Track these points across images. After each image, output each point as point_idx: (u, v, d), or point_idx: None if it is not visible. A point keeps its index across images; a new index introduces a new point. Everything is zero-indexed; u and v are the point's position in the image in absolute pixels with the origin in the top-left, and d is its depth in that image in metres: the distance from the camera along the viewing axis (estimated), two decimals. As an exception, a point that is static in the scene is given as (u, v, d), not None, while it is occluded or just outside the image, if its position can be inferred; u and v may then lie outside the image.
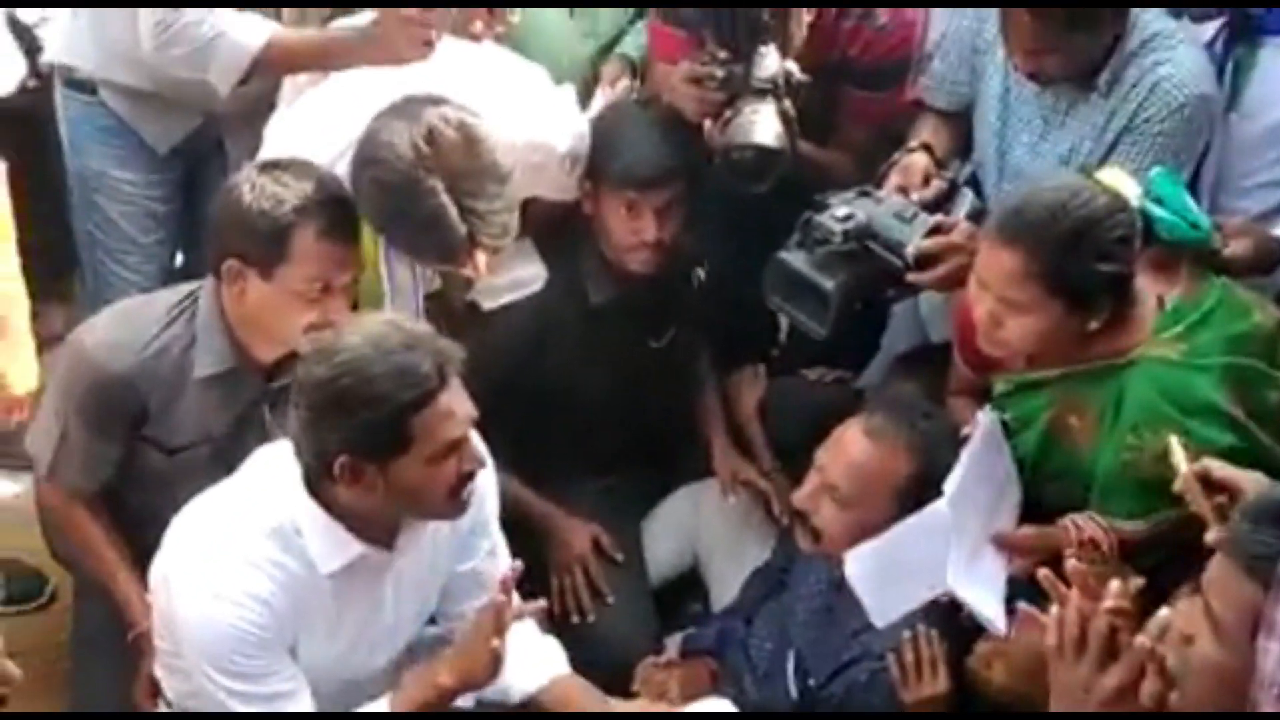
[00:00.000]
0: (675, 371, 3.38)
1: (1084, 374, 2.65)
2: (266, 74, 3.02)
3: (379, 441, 2.32)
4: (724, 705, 2.78)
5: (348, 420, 2.30)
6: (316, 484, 2.40)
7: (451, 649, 2.58)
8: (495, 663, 2.50)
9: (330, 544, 2.42)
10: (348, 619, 2.52)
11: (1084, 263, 2.50)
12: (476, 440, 2.44)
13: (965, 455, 2.70)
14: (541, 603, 2.63)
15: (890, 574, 2.71)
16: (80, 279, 3.56)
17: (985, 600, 2.65)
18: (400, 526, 2.49)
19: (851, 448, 2.80)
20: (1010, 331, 2.58)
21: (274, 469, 2.47)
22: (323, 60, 2.98)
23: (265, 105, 3.11)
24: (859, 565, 2.71)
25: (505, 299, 2.98)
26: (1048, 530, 2.70)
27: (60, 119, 3.36)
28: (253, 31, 2.95)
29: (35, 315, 3.28)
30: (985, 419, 2.74)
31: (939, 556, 2.64)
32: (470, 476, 2.43)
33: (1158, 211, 2.60)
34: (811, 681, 2.84)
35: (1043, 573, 2.09)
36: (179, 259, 3.56)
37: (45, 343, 3.35)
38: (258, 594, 2.38)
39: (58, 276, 3.70)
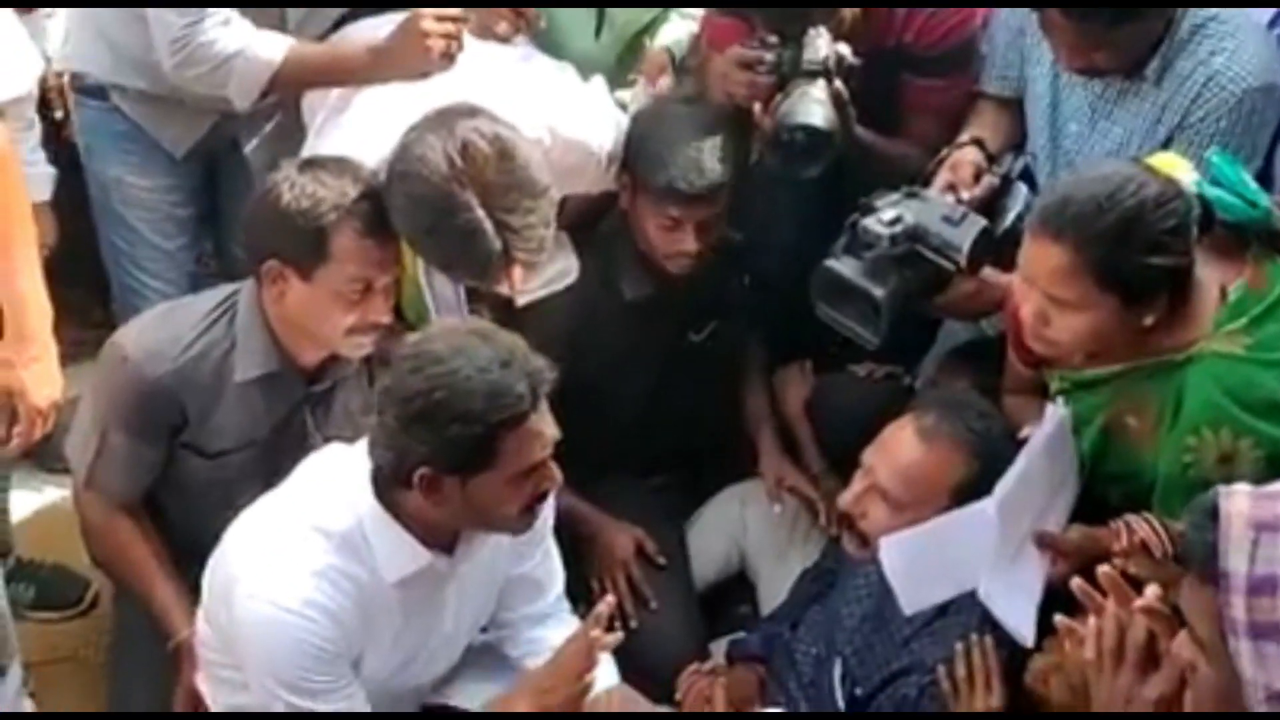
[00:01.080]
0: (717, 365, 3.34)
1: (1141, 371, 2.56)
2: (284, 90, 3.02)
3: (464, 457, 2.32)
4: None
5: (437, 434, 2.29)
6: (386, 490, 2.40)
7: (534, 680, 2.58)
8: (579, 700, 2.52)
9: (398, 552, 2.43)
10: (412, 628, 2.53)
11: (1135, 256, 2.39)
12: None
13: (1024, 455, 2.63)
14: (620, 635, 2.59)
15: (925, 565, 2.65)
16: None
17: (1017, 608, 2.60)
18: (460, 534, 2.49)
19: (903, 449, 2.73)
20: (1058, 330, 2.49)
21: (336, 475, 2.47)
22: (341, 75, 2.98)
23: (282, 103, 3.13)
24: (893, 552, 2.66)
25: (539, 294, 2.93)
26: (1094, 532, 2.63)
27: (75, 127, 3.35)
28: (269, 47, 2.95)
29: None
30: (1056, 412, 2.67)
31: (977, 555, 2.58)
32: (545, 496, 2.44)
33: (1214, 192, 2.50)
34: (859, 691, 2.80)
35: (1076, 582, 2.03)
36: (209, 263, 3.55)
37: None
38: (326, 607, 2.38)
39: (98, 285, 3.66)
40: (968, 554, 2.59)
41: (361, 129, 2.86)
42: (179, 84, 3.04)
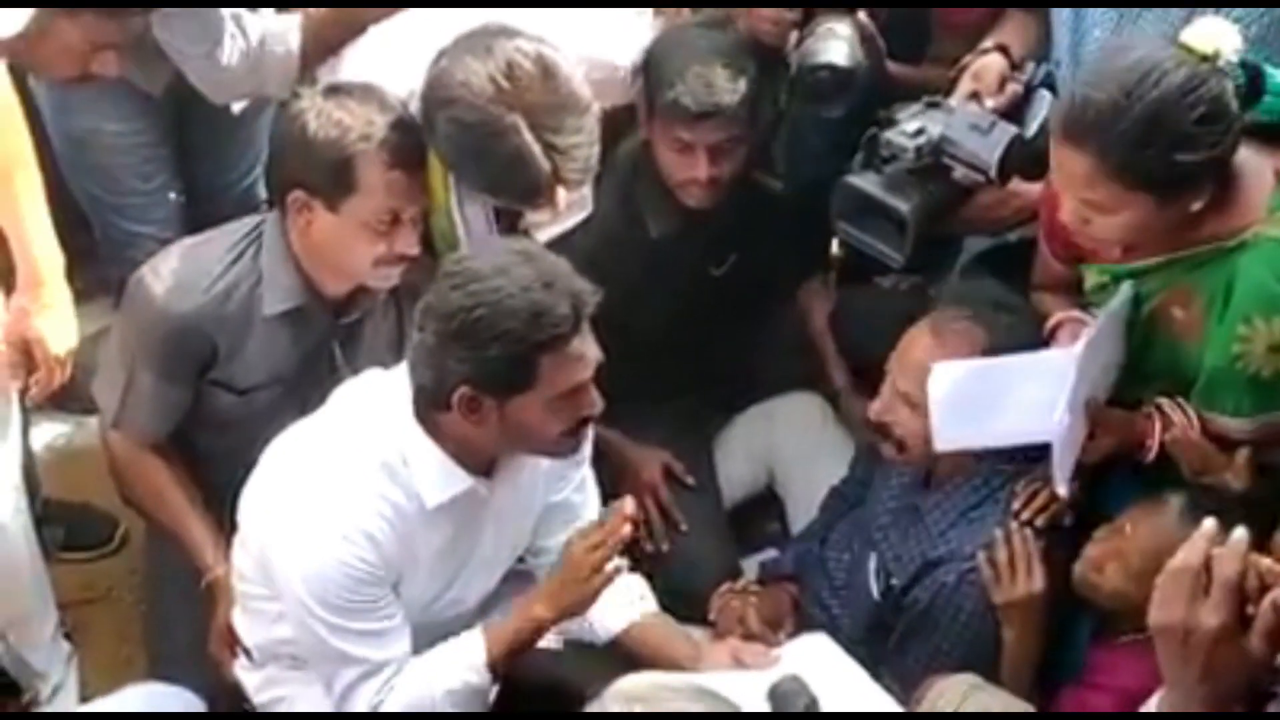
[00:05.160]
0: (736, 297, 3.38)
1: (1189, 259, 2.54)
2: (316, 62, 2.98)
3: (504, 378, 2.38)
4: (822, 641, 2.81)
5: (477, 353, 2.35)
6: (426, 412, 2.47)
7: (548, 582, 2.65)
8: (595, 595, 2.59)
9: (439, 476, 2.50)
10: (450, 553, 2.61)
11: (1161, 156, 2.35)
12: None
13: (1096, 322, 2.64)
14: (628, 528, 2.63)
15: (969, 400, 2.65)
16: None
17: (1065, 457, 2.60)
18: (499, 458, 2.57)
19: (918, 350, 2.77)
20: (1100, 229, 2.49)
21: (374, 400, 2.54)
22: (358, 19, 2.96)
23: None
24: (943, 379, 2.66)
25: (556, 229, 2.91)
26: (1132, 416, 2.67)
27: (35, 79, 3.19)
28: (284, 34, 2.93)
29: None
30: (1126, 288, 2.65)
31: (1031, 405, 2.56)
32: (587, 421, 2.50)
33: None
34: (894, 582, 2.86)
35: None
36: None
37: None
38: (367, 529, 2.46)
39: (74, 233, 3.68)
40: (1022, 401, 2.58)
41: (383, 55, 2.89)
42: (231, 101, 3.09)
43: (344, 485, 2.47)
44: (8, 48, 2.59)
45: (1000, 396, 2.62)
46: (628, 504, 2.62)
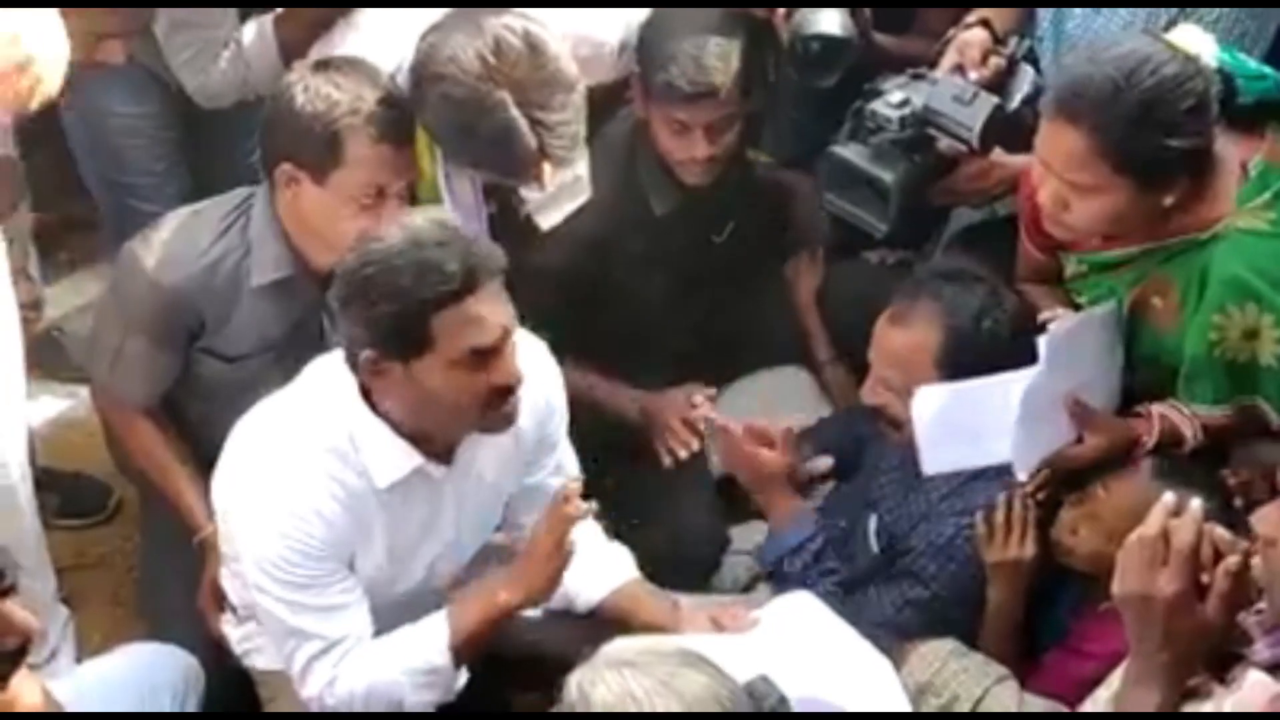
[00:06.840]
0: (736, 265, 3.43)
1: (1164, 250, 2.63)
2: (296, 55, 3.02)
3: (398, 337, 2.39)
4: (804, 599, 2.85)
5: (370, 311, 2.38)
6: (367, 389, 2.49)
7: (512, 567, 2.66)
8: (556, 578, 2.60)
9: (388, 456, 2.52)
10: (406, 534, 2.64)
11: (1153, 139, 2.45)
12: (520, 355, 2.47)
13: (1078, 316, 2.71)
14: (594, 504, 2.61)
15: (953, 423, 2.71)
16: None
17: (1029, 447, 2.65)
18: (458, 442, 2.59)
19: (885, 338, 2.85)
20: (1077, 214, 2.56)
21: (330, 382, 2.56)
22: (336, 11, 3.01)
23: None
24: (926, 404, 2.72)
25: (558, 215, 2.90)
26: (1124, 420, 2.72)
27: None
28: (258, 33, 2.99)
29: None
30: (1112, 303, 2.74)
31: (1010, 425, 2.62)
32: (506, 390, 2.47)
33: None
34: (896, 543, 2.93)
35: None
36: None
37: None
38: (315, 507, 2.49)
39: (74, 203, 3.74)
40: (1001, 422, 2.63)
41: (372, 31, 2.94)
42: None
43: (295, 466, 2.49)
44: None
45: (984, 417, 2.67)
46: (573, 483, 2.62)
